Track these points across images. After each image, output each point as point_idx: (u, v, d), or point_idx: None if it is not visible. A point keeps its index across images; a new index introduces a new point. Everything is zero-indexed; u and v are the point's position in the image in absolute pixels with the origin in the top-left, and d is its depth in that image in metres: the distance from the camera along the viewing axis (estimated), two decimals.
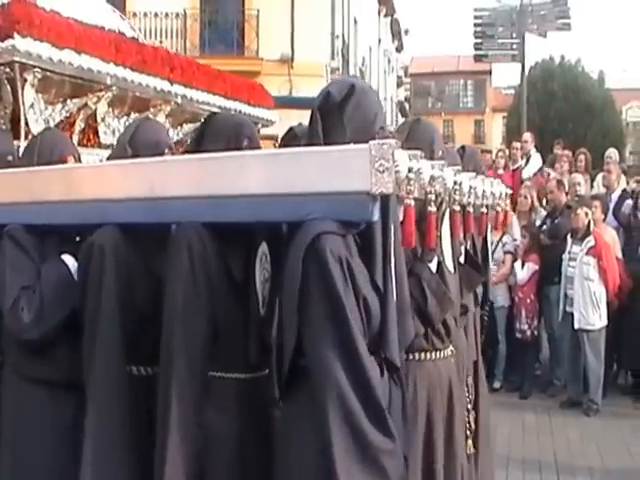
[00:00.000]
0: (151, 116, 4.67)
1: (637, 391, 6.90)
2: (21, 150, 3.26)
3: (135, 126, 2.57)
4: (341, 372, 1.78)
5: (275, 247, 2.19)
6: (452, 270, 2.60)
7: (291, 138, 2.76)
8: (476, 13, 15.89)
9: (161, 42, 13.82)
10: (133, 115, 4.69)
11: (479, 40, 15.96)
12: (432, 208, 2.08)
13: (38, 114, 3.99)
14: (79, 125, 4.35)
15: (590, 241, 6.34)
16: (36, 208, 2.49)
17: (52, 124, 4.05)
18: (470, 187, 2.41)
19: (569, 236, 6.57)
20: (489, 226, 3.02)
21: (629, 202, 7.54)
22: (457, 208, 2.33)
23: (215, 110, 5.20)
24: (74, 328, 2.36)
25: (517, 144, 9.96)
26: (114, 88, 4.30)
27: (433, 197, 2.06)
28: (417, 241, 2.12)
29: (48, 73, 3.87)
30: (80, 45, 3.99)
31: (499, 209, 2.92)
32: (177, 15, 17.00)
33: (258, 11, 17.03)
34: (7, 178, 2.68)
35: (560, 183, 7.30)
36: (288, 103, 11.06)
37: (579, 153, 9.25)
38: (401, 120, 38.73)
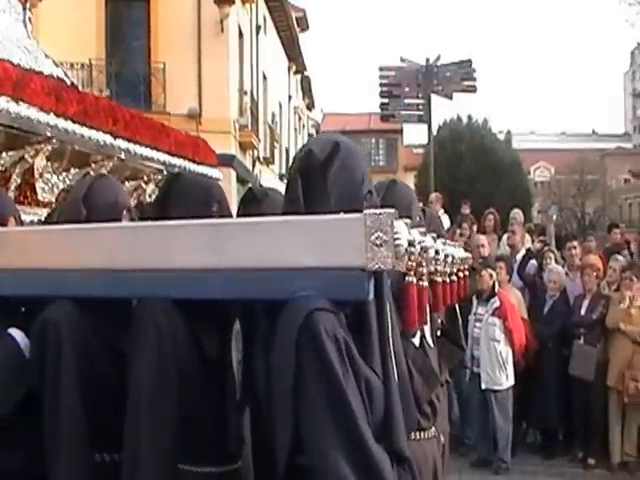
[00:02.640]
0: (92, 172, 4.48)
1: (546, 449, 7.32)
2: None
3: (89, 184, 2.43)
4: (347, 468, 1.65)
5: (249, 325, 2.05)
6: (432, 345, 2.55)
7: (250, 201, 2.51)
8: (382, 73, 16.41)
9: (101, 91, 13.80)
10: (73, 171, 4.53)
11: (385, 100, 16.51)
12: (424, 282, 1.98)
13: None
14: (15, 181, 4.14)
15: (495, 302, 6.73)
16: None
17: None
18: (445, 255, 2.34)
19: (474, 297, 6.89)
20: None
21: (534, 262, 8.06)
22: (439, 279, 2.24)
23: (159, 167, 5.22)
24: (28, 410, 2.21)
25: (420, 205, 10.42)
26: (54, 141, 4.10)
27: (425, 270, 1.97)
28: (398, 316, 1.99)
29: None
30: (19, 92, 3.78)
31: (461, 275, 2.79)
32: (82, 66, 16.94)
33: (164, 64, 17.13)
34: None
35: (465, 245, 7.54)
36: None
37: (488, 213, 9.58)
38: None
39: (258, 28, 22.61)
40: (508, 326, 6.72)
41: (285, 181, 2.02)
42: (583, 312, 7.20)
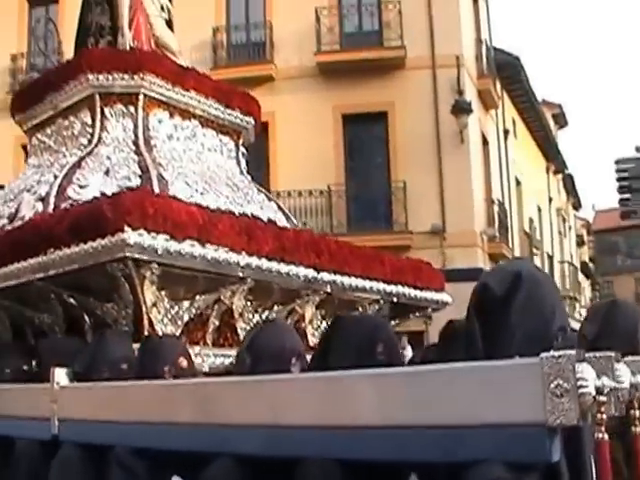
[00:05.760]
0: (298, 308, 4.69)
1: None
2: None
3: (256, 331, 2.57)
4: None
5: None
6: None
7: (450, 338, 2.42)
8: (618, 166, 15.78)
9: (305, 223, 14.73)
10: (276, 308, 4.64)
11: (626, 195, 15.70)
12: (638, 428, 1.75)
13: (163, 313, 3.97)
14: (213, 323, 4.32)
15: None
16: (144, 429, 2.47)
17: (180, 324, 4.05)
18: None
19: None
20: None
21: None
22: None
23: (374, 296, 5.18)
24: None
25: None
26: (249, 280, 4.17)
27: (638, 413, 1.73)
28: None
29: (168, 268, 3.79)
30: (205, 235, 3.89)
31: None
32: (321, 192, 17.75)
33: (404, 183, 17.54)
34: (112, 393, 2.75)
35: None
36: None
37: None
38: (585, 285, 37.77)
39: (506, 132, 22.70)
40: None
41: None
42: None
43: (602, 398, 1.56)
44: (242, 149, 6.50)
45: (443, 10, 18.05)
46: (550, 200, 30.02)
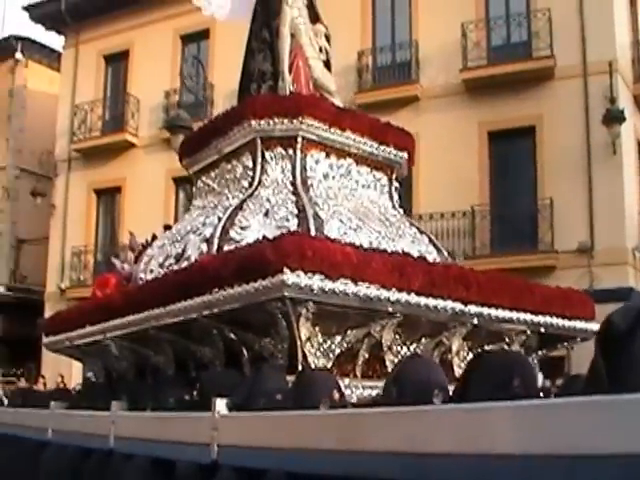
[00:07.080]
0: (445, 340, 4.87)
1: None
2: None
3: (403, 364, 2.71)
4: None
5: None
6: None
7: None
8: None
9: (454, 257, 13.38)
10: (424, 340, 4.82)
11: None
12: None
13: (316, 347, 4.25)
14: (362, 356, 4.55)
15: None
16: (297, 455, 2.62)
17: (332, 357, 4.32)
18: None
19: None
20: None
21: None
22: None
23: (521, 328, 5.24)
24: None
25: None
26: (398, 315, 4.38)
27: None
28: None
29: (322, 305, 4.05)
30: (359, 273, 4.12)
31: None
32: (464, 214, 17.56)
33: (551, 199, 17.02)
34: (269, 422, 2.96)
35: None
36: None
37: None
38: None
39: None
40: None
41: None
42: None
43: None
44: (395, 184, 6.70)
45: (596, 13, 17.48)
46: None
